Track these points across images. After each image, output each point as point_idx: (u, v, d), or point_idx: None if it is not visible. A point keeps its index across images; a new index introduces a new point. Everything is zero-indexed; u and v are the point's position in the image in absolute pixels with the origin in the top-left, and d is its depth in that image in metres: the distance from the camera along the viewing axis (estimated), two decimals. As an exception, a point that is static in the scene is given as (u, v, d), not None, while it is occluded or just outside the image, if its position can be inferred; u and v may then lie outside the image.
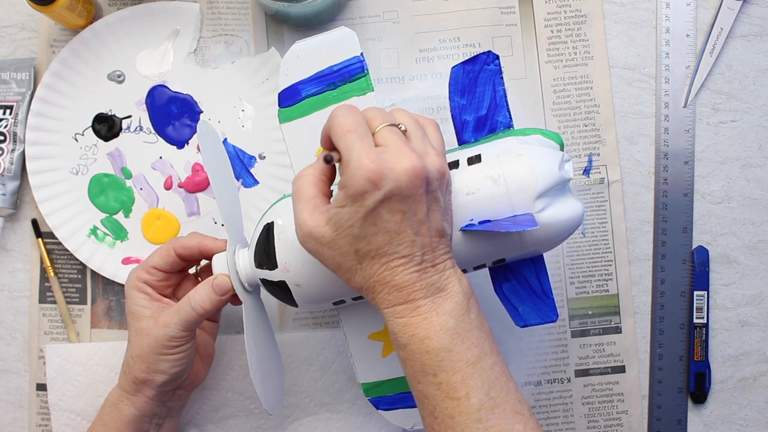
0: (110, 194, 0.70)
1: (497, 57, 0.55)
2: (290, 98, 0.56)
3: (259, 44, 0.71)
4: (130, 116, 0.70)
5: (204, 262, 0.62)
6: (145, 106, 0.70)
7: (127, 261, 0.69)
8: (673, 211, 0.70)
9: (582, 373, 0.70)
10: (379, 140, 0.46)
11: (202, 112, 0.70)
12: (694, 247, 0.70)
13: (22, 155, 0.69)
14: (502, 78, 0.55)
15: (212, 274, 0.58)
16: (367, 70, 0.55)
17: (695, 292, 0.69)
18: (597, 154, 0.70)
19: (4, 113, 0.70)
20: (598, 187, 0.70)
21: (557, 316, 0.55)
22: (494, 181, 0.51)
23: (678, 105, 0.70)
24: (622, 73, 0.71)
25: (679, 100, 0.70)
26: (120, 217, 0.70)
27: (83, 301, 0.70)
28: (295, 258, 0.53)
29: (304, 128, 0.56)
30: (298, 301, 0.55)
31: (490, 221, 0.50)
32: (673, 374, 0.69)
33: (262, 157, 0.69)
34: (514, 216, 0.50)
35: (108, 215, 0.70)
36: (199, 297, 0.56)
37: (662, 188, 0.70)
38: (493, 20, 0.71)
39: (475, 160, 0.52)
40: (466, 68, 0.55)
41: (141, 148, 0.70)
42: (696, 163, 0.70)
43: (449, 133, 0.69)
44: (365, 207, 0.45)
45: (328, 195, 0.49)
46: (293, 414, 0.68)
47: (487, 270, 0.56)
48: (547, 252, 0.56)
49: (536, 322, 0.56)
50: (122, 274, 0.68)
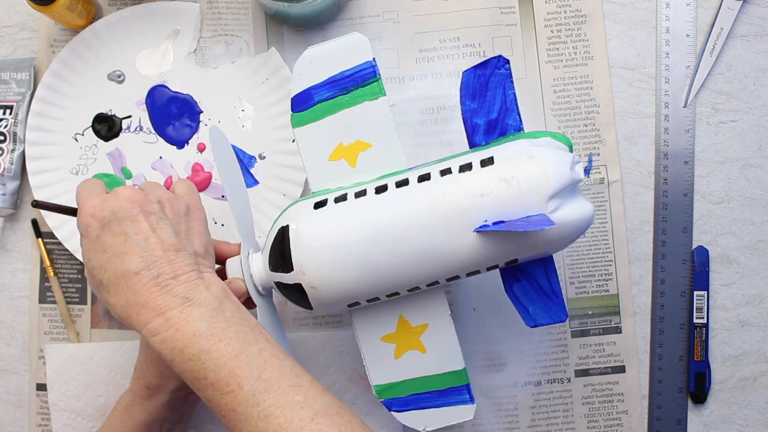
0: (110, 194, 0.70)
1: (507, 61, 0.55)
2: (303, 103, 0.57)
3: (259, 44, 0.71)
4: (130, 116, 0.70)
5: (216, 265, 0.62)
6: (145, 106, 0.70)
7: (127, 261, 0.69)
8: (673, 211, 0.70)
9: (582, 373, 0.70)
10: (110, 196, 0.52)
11: (202, 112, 0.70)
12: (694, 247, 0.70)
13: (22, 155, 0.69)
14: (512, 82, 0.56)
15: (224, 277, 0.58)
16: (379, 75, 0.56)
17: (695, 292, 0.69)
18: (597, 154, 0.70)
19: (4, 113, 0.70)
20: (598, 187, 0.70)
21: (567, 315, 0.56)
22: (507, 183, 0.51)
23: (678, 105, 0.70)
24: (622, 73, 0.71)
25: (679, 100, 0.70)
26: (120, 217, 0.69)
27: (83, 301, 0.70)
28: (311, 261, 0.53)
29: (317, 132, 0.57)
30: (313, 303, 0.55)
31: (504, 222, 0.51)
32: (673, 374, 0.69)
33: (262, 157, 0.69)
34: (528, 216, 0.50)
35: (108, 215, 0.70)
36: None
37: (662, 188, 0.70)
38: (493, 20, 0.71)
39: (487, 162, 0.53)
40: (477, 72, 0.56)
41: (141, 148, 0.70)
42: (696, 163, 0.70)
43: (451, 133, 0.69)
44: (91, 238, 0.50)
45: None
46: (293, 414, 0.68)
47: (498, 272, 0.56)
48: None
49: (546, 322, 0.56)
50: (122, 274, 0.68)
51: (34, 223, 0.70)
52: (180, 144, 0.70)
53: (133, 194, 0.51)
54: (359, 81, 0.56)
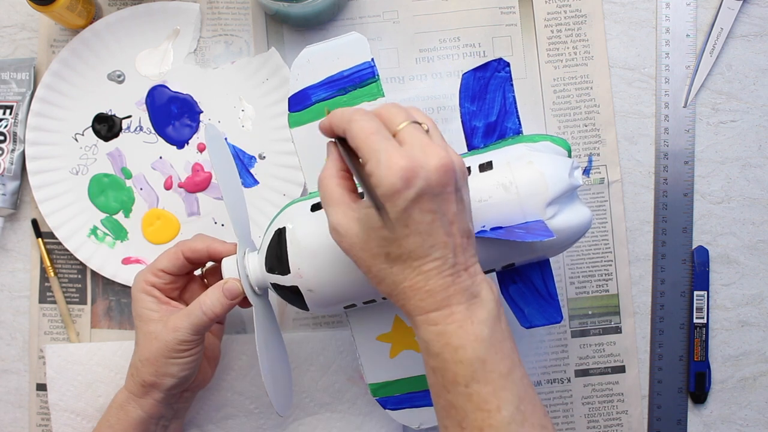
0: (110, 194, 0.70)
1: (508, 64, 0.55)
2: (300, 103, 0.56)
3: (259, 44, 0.71)
4: (130, 116, 0.70)
5: (210, 263, 0.62)
6: (145, 106, 0.70)
7: (127, 261, 0.69)
8: (673, 211, 0.70)
9: (582, 373, 0.70)
10: (405, 138, 0.45)
11: (202, 112, 0.70)
12: (694, 247, 0.70)
13: (22, 155, 0.69)
14: (512, 85, 0.56)
15: (218, 275, 0.58)
16: (377, 75, 0.56)
17: (695, 292, 0.69)
18: (597, 154, 0.70)
19: (4, 113, 0.70)
20: (598, 187, 0.70)
21: (562, 317, 0.56)
22: (506, 189, 0.51)
23: (678, 105, 0.70)
24: (622, 73, 0.71)
25: (679, 100, 0.70)
26: (120, 217, 0.70)
27: (83, 301, 0.70)
28: (308, 264, 0.53)
29: (314, 133, 0.56)
30: (310, 305, 0.55)
31: (502, 228, 0.50)
32: (673, 374, 0.69)
33: (262, 157, 0.69)
34: (526, 223, 0.50)
35: (108, 215, 0.70)
36: (210, 301, 0.56)
37: (662, 188, 0.70)
38: (493, 20, 0.71)
39: (486, 167, 0.52)
40: (477, 75, 0.56)
41: (141, 148, 0.70)
42: (696, 163, 0.70)
43: (451, 133, 0.69)
44: (397, 207, 0.43)
45: (354, 189, 0.48)
46: (293, 414, 0.68)
47: (495, 273, 0.56)
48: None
49: (541, 324, 0.56)
50: (122, 274, 0.68)
51: (34, 223, 0.70)
52: (180, 144, 0.70)
53: (447, 162, 0.44)
54: (357, 81, 0.56)
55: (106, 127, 0.70)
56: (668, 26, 0.71)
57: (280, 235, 0.54)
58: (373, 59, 0.56)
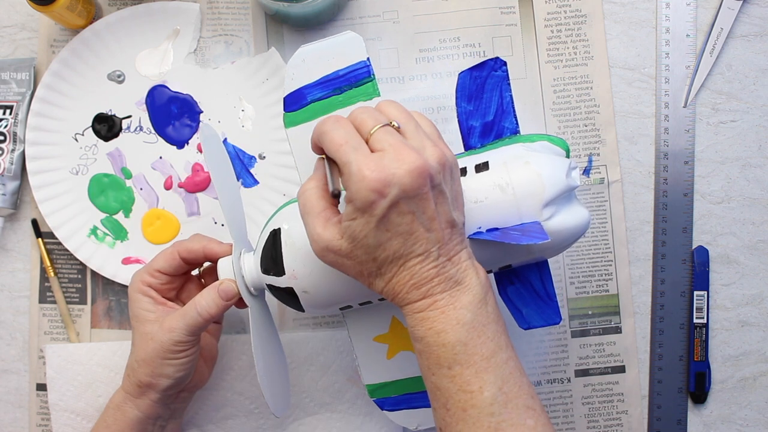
0: (110, 194, 0.70)
1: (504, 63, 0.55)
2: (295, 102, 0.56)
3: (259, 44, 0.71)
4: (130, 116, 0.70)
5: (207, 263, 0.62)
6: (145, 106, 0.70)
7: (127, 261, 0.69)
8: (673, 211, 0.70)
9: (582, 373, 0.70)
10: (375, 144, 0.46)
11: (202, 112, 0.70)
12: (694, 247, 0.70)
13: (22, 155, 0.69)
14: (509, 84, 0.55)
15: (215, 276, 0.58)
16: (373, 75, 0.55)
17: (695, 292, 0.69)
18: (597, 154, 0.70)
19: (4, 113, 0.70)
20: (598, 187, 0.70)
21: (560, 318, 0.56)
22: (502, 190, 0.51)
23: (678, 105, 0.70)
24: (622, 73, 0.71)
25: (679, 100, 0.70)
26: (120, 217, 0.70)
27: (83, 301, 0.70)
28: (303, 265, 0.53)
29: (310, 133, 0.56)
30: (305, 306, 0.55)
31: (498, 230, 0.50)
32: (673, 374, 0.69)
33: (262, 157, 0.69)
34: (522, 224, 0.50)
35: (108, 215, 0.70)
36: (205, 302, 0.56)
37: (662, 188, 0.70)
38: (493, 20, 0.71)
39: (482, 167, 0.52)
40: (473, 74, 0.55)
41: (141, 148, 0.70)
42: (696, 163, 0.70)
43: (450, 133, 0.69)
44: (375, 216, 0.44)
45: (336, 203, 0.49)
46: (293, 414, 0.68)
47: (492, 274, 0.56)
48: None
49: (539, 325, 0.56)
50: (122, 274, 0.68)
51: (34, 223, 0.70)
52: (180, 144, 0.70)
53: (419, 165, 0.44)
54: (353, 81, 0.55)
55: (106, 127, 0.70)
56: (668, 26, 0.71)
57: (275, 236, 0.54)
58: (368, 58, 0.55)
